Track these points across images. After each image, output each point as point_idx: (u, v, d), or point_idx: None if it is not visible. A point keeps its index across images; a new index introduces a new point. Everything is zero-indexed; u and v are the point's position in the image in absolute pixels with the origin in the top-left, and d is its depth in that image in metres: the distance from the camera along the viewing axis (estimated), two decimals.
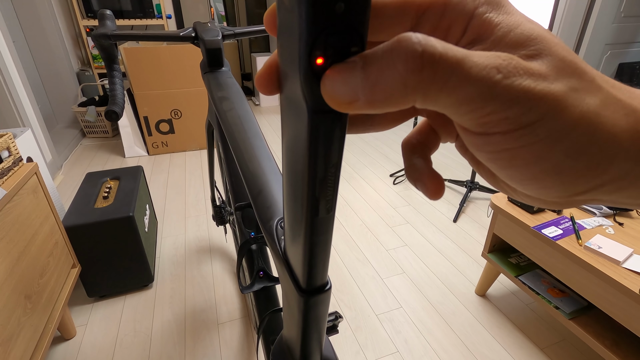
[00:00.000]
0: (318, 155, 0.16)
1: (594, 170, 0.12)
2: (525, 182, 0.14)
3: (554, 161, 0.12)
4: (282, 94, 0.16)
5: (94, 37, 0.75)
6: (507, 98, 0.12)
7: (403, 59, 0.11)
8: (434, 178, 0.18)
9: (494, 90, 0.11)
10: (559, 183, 0.13)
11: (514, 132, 0.12)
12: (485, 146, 0.13)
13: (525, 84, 0.12)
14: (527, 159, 0.13)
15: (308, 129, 0.15)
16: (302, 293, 0.25)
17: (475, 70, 0.11)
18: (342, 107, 0.13)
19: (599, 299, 0.94)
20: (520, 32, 0.13)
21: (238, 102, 0.55)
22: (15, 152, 1.02)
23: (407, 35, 0.12)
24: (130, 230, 1.26)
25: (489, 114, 0.12)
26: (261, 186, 0.36)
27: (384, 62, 0.12)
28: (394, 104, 0.12)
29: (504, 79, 0.11)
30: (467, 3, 0.14)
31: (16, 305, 0.88)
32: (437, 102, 0.12)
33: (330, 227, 0.21)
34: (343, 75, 0.12)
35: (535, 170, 0.13)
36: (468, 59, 0.11)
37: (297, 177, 0.18)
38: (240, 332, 1.22)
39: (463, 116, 0.13)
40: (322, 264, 0.23)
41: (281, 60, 0.15)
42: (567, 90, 0.12)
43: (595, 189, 0.13)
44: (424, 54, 0.11)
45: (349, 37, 0.13)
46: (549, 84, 0.12)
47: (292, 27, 0.13)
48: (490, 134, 0.13)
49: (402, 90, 0.12)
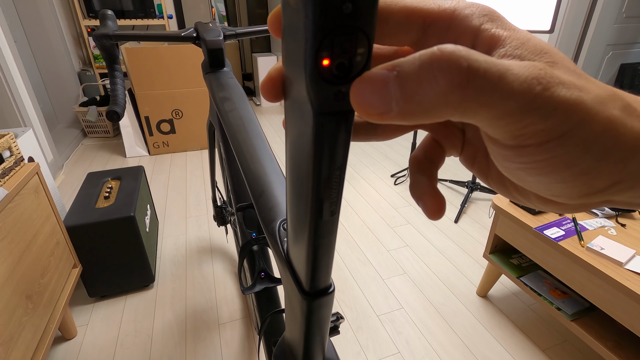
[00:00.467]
0: (323, 157, 0.16)
1: (614, 168, 0.13)
2: (552, 185, 0.14)
3: (583, 165, 0.12)
4: (287, 99, 0.16)
5: (95, 37, 0.75)
6: (547, 109, 0.12)
7: (447, 72, 0.11)
8: (436, 198, 0.18)
9: (535, 103, 0.11)
10: (584, 182, 0.13)
11: (547, 143, 0.12)
12: (515, 158, 0.13)
13: (562, 93, 0.12)
14: (557, 167, 0.13)
15: (313, 131, 0.15)
16: (305, 296, 0.24)
17: (517, 83, 0.11)
18: (373, 118, 0.13)
19: (601, 300, 0.93)
20: (532, 45, 0.13)
21: (240, 103, 0.55)
22: (17, 152, 1.02)
23: (451, 48, 0.11)
24: (131, 231, 1.26)
25: (526, 126, 0.12)
26: (263, 187, 0.36)
27: (424, 74, 0.11)
28: (431, 117, 0.12)
29: (544, 90, 0.11)
30: (472, 19, 0.14)
31: (17, 305, 0.88)
32: (475, 117, 0.12)
33: (334, 229, 0.21)
34: (375, 86, 0.12)
35: (566, 175, 0.13)
36: (510, 72, 0.11)
37: (301, 179, 0.18)
38: (241, 333, 1.22)
39: (499, 129, 0.12)
40: (325, 267, 0.23)
41: (286, 62, 0.15)
42: (594, 97, 0.12)
43: (613, 186, 0.13)
44: (469, 69, 0.11)
45: (356, 38, 0.13)
46: (578, 92, 0.12)
47: (298, 27, 0.13)
48: (522, 147, 0.13)
49: (442, 105, 0.11)
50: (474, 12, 0.14)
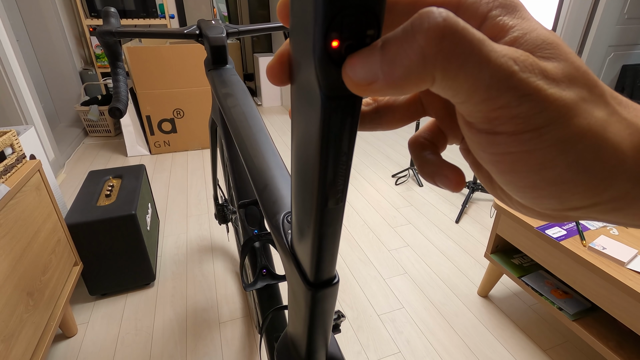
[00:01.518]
0: (330, 142, 0.16)
1: (594, 189, 0.12)
2: (523, 190, 0.13)
3: (557, 171, 0.12)
4: (294, 83, 0.16)
5: (98, 34, 0.75)
6: (521, 93, 0.11)
7: (424, 28, 0.11)
8: (453, 168, 0.17)
9: (510, 81, 0.11)
10: (556, 195, 0.13)
11: (521, 134, 0.12)
12: (489, 146, 0.13)
13: (538, 82, 0.11)
14: (529, 165, 0.12)
15: (321, 115, 0.15)
16: (309, 287, 0.24)
17: (494, 55, 0.11)
18: (362, 89, 0.13)
19: (603, 300, 0.93)
20: (535, 36, 0.13)
21: (242, 99, 0.55)
22: (19, 149, 1.02)
23: (428, 9, 0.11)
24: (133, 229, 1.26)
25: (500, 108, 0.12)
26: (267, 181, 0.36)
27: (404, 37, 0.11)
28: (413, 80, 0.12)
29: (520, 71, 0.11)
30: (480, 4, 0.13)
31: (18, 302, 0.88)
32: (454, 83, 0.12)
33: (340, 218, 0.21)
34: (363, 58, 0.12)
35: (536, 179, 0.12)
36: (488, 42, 0.11)
37: (307, 166, 0.18)
38: (241, 332, 1.22)
39: (474, 106, 0.12)
40: (330, 257, 0.23)
41: (293, 46, 0.15)
42: (577, 99, 0.12)
43: (591, 207, 0.13)
44: (445, 23, 0.11)
45: (365, 19, 0.13)
46: (561, 90, 0.12)
47: (307, 9, 0.13)
48: (496, 133, 0.12)
49: (421, 63, 0.11)
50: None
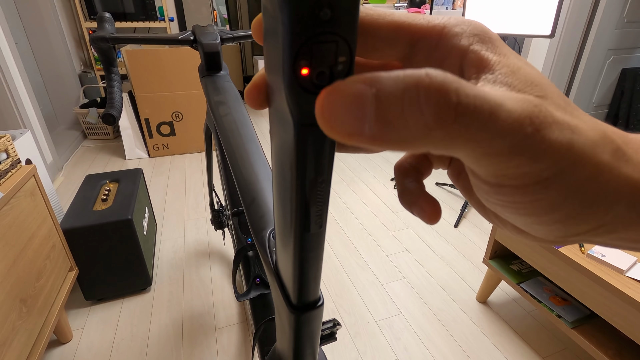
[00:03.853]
0: (307, 169, 0.16)
1: (597, 215, 0.12)
2: (529, 225, 0.13)
3: (565, 211, 0.12)
4: (271, 107, 0.16)
5: (92, 40, 0.74)
6: (536, 152, 0.11)
7: (434, 105, 0.10)
8: (431, 201, 0.17)
9: (524, 144, 0.10)
10: (564, 226, 0.13)
11: (530, 186, 0.11)
12: (494, 195, 0.13)
13: (554, 136, 0.11)
14: (537, 210, 0.12)
15: (295, 143, 0.14)
16: (292, 309, 0.24)
17: (508, 122, 0.10)
18: (339, 137, 0.11)
19: (602, 307, 0.92)
20: (523, 75, 0.12)
21: (235, 107, 0.54)
22: (14, 154, 1.01)
23: (440, 77, 0.10)
24: (129, 233, 1.25)
25: (512, 168, 0.11)
26: (255, 194, 0.35)
27: (407, 100, 0.10)
28: (407, 148, 0.11)
29: (536, 131, 0.10)
30: (461, 38, 0.13)
31: (11, 309, 0.87)
32: (457, 153, 0.11)
33: (321, 242, 0.20)
34: (348, 101, 0.10)
35: (545, 219, 0.12)
36: (502, 108, 0.10)
37: (285, 191, 0.17)
38: (238, 338, 1.21)
39: (482, 167, 0.12)
40: (313, 280, 0.22)
41: (267, 70, 0.15)
42: (585, 140, 0.11)
43: (593, 230, 0.13)
44: (458, 106, 0.10)
45: (335, 47, 0.12)
46: (571, 134, 0.11)
47: (276, 35, 0.12)
48: (503, 186, 0.12)
49: (423, 139, 0.10)
50: (464, 30, 0.13)
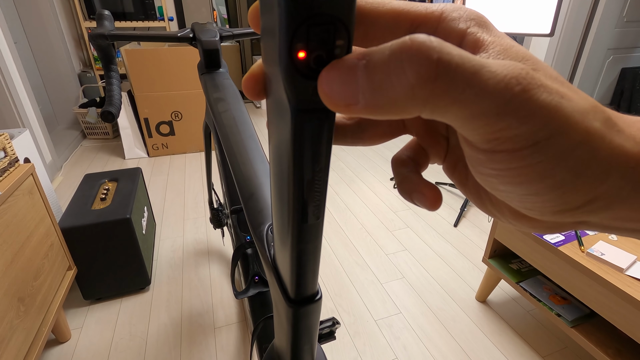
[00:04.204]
0: (304, 158, 0.15)
1: (590, 185, 0.12)
2: (524, 197, 0.13)
3: (557, 178, 0.12)
4: (269, 97, 0.16)
5: (91, 38, 0.74)
6: (524, 113, 0.11)
7: (415, 64, 0.10)
8: (431, 186, 0.17)
9: (511, 104, 0.11)
10: (557, 197, 0.12)
11: (522, 150, 0.11)
12: (489, 163, 0.13)
13: (542, 97, 0.11)
14: (530, 177, 0.12)
15: (292, 130, 0.14)
16: (290, 303, 0.23)
17: (493, 82, 0.10)
18: (339, 109, 0.12)
19: (602, 306, 0.92)
20: (515, 51, 0.13)
21: (234, 104, 0.54)
22: (12, 153, 1.01)
23: (421, 38, 0.10)
24: (127, 233, 1.25)
25: (501, 130, 0.11)
26: (253, 189, 0.35)
27: (392, 64, 0.11)
28: (398, 112, 0.11)
29: (523, 91, 0.11)
30: (459, 22, 0.14)
31: (8, 308, 0.87)
32: (446, 115, 0.11)
33: (319, 234, 0.20)
34: (343, 74, 0.11)
35: (538, 187, 0.12)
36: (486, 69, 0.11)
37: (283, 182, 0.17)
38: (237, 337, 1.21)
39: (472, 131, 0.12)
40: (311, 273, 0.22)
41: (264, 58, 0.14)
42: (574, 105, 0.11)
43: (589, 204, 0.13)
44: (439, 62, 0.10)
45: (333, 29, 0.12)
46: (560, 99, 0.11)
47: (273, 19, 0.12)
48: (496, 152, 0.12)
49: (409, 100, 0.11)
50: (461, 15, 0.14)
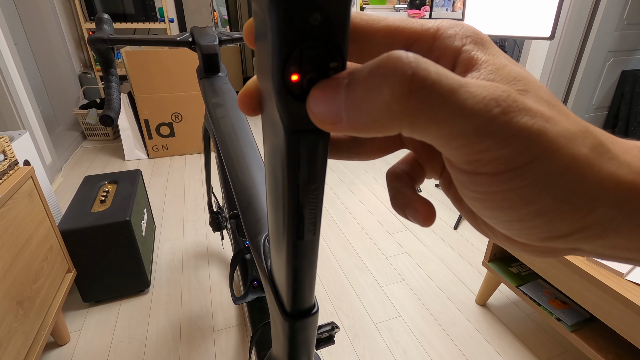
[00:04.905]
0: (299, 177, 0.15)
1: (577, 214, 0.12)
2: (509, 223, 0.13)
3: (541, 204, 0.11)
4: (263, 113, 0.15)
5: (90, 42, 0.74)
6: (503, 136, 0.11)
7: (389, 80, 0.10)
8: (424, 202, 0.17)
9: (490, 126, 0.10)
10: (542, 224, 0.12)
11: (503, 174, 0.11)
12: (470, 185, 0.13)
13: (523, 120, 0.11)
14: (513, 202, 0.12)
15: (286, 149, 0.14)
16: (286, 317, 0.23)
17: (472, 102, 0.10)
18: (326, 127, 0.12)
19: (602, 311, 0.92)
20: (507, 71, 0.13)
21: (232, 109, 0.54)
22: (11, 156, 1.01)
23: (397, 54, 0.10)
24: (127, 235, 1.25)
25: (481, 152, 0.11)
26: (250, 198, 0.35)
27: (370, 81, 0.11)
28: (379, 129, 0.11)
29: (503, 114, 0.10)
30: (455, 39, 0.14)
31: (7, 311, 0.87)
32: (424, 134, 0.11)
33: (315, 250, 0.20)
34: (328, 93, 0.12)
35: (521, 213, 0.12)
36: (464, 89, 0.10)
37: (278, 199, 0.17)
38: (236, 340, 1.21)
39: (452, 151, 0.12)
40: (307, 288, 0.22)
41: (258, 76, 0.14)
42: (560, 130, 0.11)
43: (577, 233, 0.12)
44: (413, 78, 0.10)
45: (326, 52, 0.12)
46: (544, 123, 0.11)
47: (266, 40, 0.12)
48: (477, 174, 0.12)
49: (386, 117, 0.11)
50: (457, 32, 0.14)
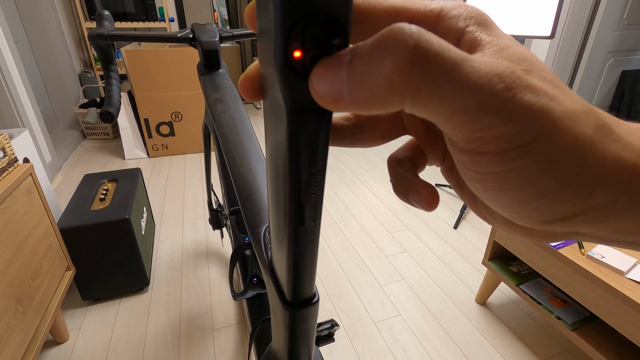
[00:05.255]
0: (300, 158, 0.15)
1: (580, 194, 0.11)
2: (509, 205, 0.13)
3: (543, 185, 0.11)
4: (265, 98, 0.15)
5: (90, 38, 0.74)
6: (506, 112, 0.10)
7: (392, 52, 0.10)
8: (428, 186, 0.16)
9: (494, 102, 0.10)
10: (544, 206, 0.12)
11: (505, 153, 0.11)
12: (472, 165, 0.12)
13: (527, 97, 0.10)
14: (515, 182, 0.12)
15: (288, 130, 0.14)
16: (287, 306, 0.23)
17: (475, 76, 0.10)
18: (328, 105, 0.12)
19: (602, 309, 0.91)
20: (512, 52, 0.12)
21: (233, 105, 0.54)
22: (11, 153, 1.00)
23: (400, 26, 0.10)
24: (126, 233, 1.24)
25: (483, 129, 0.11)
26: (251, 191, 0.35)
27: (372, 55, 0.11)
28: (380, 105, 0.11)
29: (506, 90, 0.10)
30: (458, 20, 0.13)
31: (6, 308, 0.87)
32: (426, 109, 0.11)
33: (315, 236, 0.19)
34: (330, 70, 0.11)
35: (523, 194, 0.12)
36: (467, 62, 0.10)
37: (279, 183, 0.17)
38: (235, 338, 1.20)
39: (454, 128, 0.11)
40: (308, 276, 0.22)
41: (260, 58, 0.14)
42: (564, 109, 0.11)
43: (579, 216, 0.12)
44: (415, 48, 0.10)
45: (329, 28, 0.11)
46: (548, 101, 0.11)
47: (268, 17, 0.12)
48: (479, 153, 0.12)
49: (387, 91, 0.10)
50: (461, 13, 0.14)
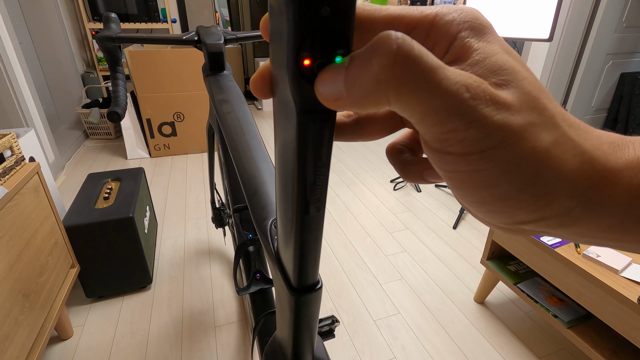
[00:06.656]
0: (307, 154, 0.17)
1: (536, 204, 0.13)
2: (474, 204, 0.14)
3: (501, 189, 0.13)
4: (275, 97, 0.17)
5: (98, 39, 0.76)
6: (469, 119, 0.12)
7: (378, 54, 0.12)
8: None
9: (460, 108, 0.12)
10: (503, 209, 0.13)
11: (468, 155, 0.12)
12: (441, 164, 0.14)
13: (486, 110, 0.12)
14: (476, 183, 0.13)
15: (297, 128, 0.16)
16: (293, 292, 0.25)
17: (446, 83, 0.12)
18: (330, 104, 0.14)
19: (598, 308, 0.93)
20: (494, 61, 0.13)
21: (238, 105, 0.56)
22: (18, 152, 1.02)
23: (387, 33, 0.12)
24: (130, 232, 1.26)
25: (450, 131, 0.12)
26: (257, 187, 0.37)
27: (364, 58, 0.12)
28: (371, 102, 0.13)
29: (471, 99, 0.12)
30: (451, 26, 0.14)
31: (14, 304, 0.89)
32: (407, 107, 0.12)
33: (320, 225, 0.21)
34: (332, 75, 0.13)
35: (484, 195, 0.13)
36: (441, 70, 0.12)
37: (287, 176, 0.19)
38: (237, 336, 1.22)
39: (426, 128, 0.13)
40: (312, 263, 0.23)
41: (272, 63, 0.16)
42: (524, 123, 0.12)
43: (538, 221, 0.13)
44: (398, 51, 0.12)
45: (334, 40, 0.13)
46: (509, 115, 0.12)
47: (281, 30, 0.13)
48: (446, 153, 0.13)
49: (375, 86, 0.12)
50: (454, 18, 0.14)
